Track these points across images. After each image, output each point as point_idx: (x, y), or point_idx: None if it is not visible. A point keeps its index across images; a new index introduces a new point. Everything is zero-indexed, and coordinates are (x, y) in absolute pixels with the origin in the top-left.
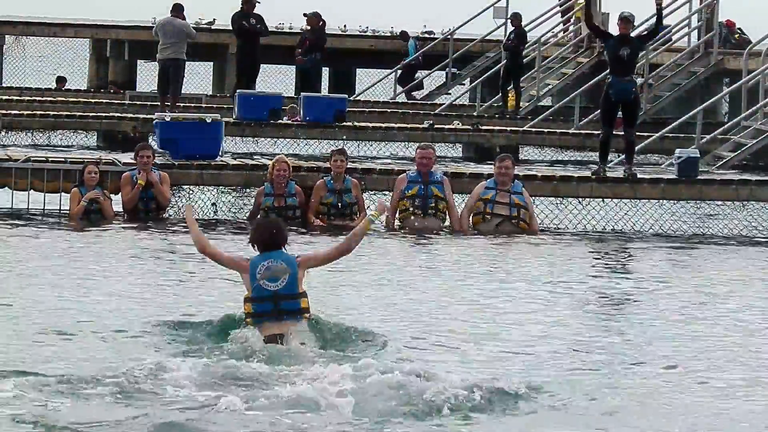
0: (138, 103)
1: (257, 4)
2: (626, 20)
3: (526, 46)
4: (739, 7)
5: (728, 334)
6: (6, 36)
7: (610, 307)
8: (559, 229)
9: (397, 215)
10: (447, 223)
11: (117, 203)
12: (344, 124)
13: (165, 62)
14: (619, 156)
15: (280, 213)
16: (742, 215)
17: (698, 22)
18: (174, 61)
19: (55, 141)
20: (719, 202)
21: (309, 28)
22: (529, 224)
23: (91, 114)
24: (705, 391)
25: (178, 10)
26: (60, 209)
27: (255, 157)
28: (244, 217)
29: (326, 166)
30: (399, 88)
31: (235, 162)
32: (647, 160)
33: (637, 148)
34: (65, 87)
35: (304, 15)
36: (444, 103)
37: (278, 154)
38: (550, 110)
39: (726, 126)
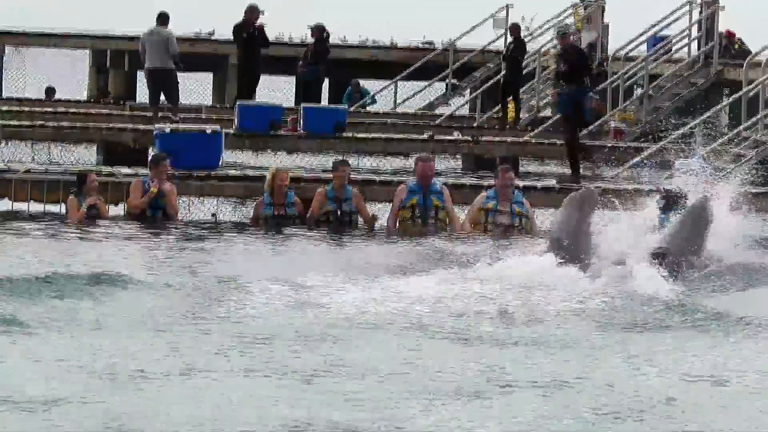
0: (138, 114)
1: (261, 16)
2: (558, 34)
3: (526, 56)
4: (739, 17)
5: None
6: (6, 47)
7: None
8: None
9: (397, 225)
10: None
11: (113, 211)
12: (344, 135)
13: (152, 72)
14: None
15: (279, 223)
16: None
17: (698, 32)
18: (161, 71)
19: (55, 155)
20: None
21: (314, 40)
22: (531, 234)
23: (91, 125)
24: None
25: (163, 20)
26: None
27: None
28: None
29: (326, 178)
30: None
31: (235, 173)
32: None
33: (636, 159)
34: (55, 98)
35: (309, 27)
36: (444, 114)
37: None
38: (550, 121)
39: (726, 137)
